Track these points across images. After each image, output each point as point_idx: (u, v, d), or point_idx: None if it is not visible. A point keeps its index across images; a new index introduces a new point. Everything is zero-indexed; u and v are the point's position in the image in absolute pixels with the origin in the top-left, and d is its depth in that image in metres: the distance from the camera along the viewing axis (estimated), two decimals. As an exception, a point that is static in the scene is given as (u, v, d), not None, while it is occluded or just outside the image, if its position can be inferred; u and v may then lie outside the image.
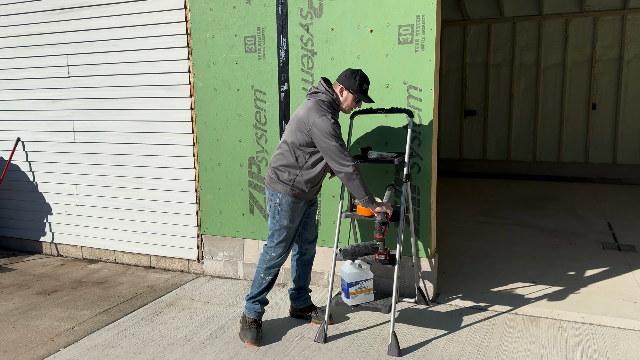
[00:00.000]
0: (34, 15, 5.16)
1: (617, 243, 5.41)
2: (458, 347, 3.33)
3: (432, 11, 3.69)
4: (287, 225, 3.42)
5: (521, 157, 9.49)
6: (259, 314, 3.55)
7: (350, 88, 3.32)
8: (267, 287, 3.54)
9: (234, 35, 4.33)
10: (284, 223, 3.41)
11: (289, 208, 3.39)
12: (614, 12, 8.54)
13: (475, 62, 9.58)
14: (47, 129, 5.33)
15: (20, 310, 4.12)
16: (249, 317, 3.53)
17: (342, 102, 3.37)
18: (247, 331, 3.46)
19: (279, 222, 3.42)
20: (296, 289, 3.77)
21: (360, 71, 3.36)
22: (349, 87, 3.32)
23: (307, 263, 3.75)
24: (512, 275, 4.55)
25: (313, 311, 3.74)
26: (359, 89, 3.32)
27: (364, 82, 3.34)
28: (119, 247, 5.19)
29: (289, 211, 3.39)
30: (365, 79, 3.36)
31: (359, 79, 3.32)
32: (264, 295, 3.56)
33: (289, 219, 3.40)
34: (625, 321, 3.60)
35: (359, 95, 3.33)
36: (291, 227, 3.45)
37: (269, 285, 3.54)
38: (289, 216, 3.40)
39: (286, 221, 3.41)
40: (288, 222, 3.42)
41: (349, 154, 3.22)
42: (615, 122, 8.80)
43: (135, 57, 4.78)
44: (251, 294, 3.55)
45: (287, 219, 3.40)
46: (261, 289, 3.52)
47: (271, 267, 3.50)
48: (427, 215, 3.95)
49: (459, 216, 6.71)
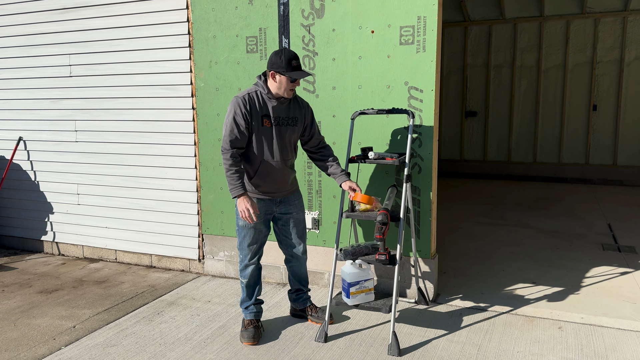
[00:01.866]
0: (36, 15, 5.17)
1: (617, 244, 5.41)
2: (458, 347, 3.34)
3: (433, 12, 3.70)
4: (242, 225, 3.38)
5: (522, 158, 9.49)
6: (255, 313, 3.56)
7: (279, 69, 3.16)
8: (248, 290, 3.53)
9: (235, 35, 4.34)
10: (239, 223, 3.39)
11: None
12: (614, 14, 8.55)
13: (476, 63, 9.58)
14: (48, 128, 5.34)
15: (22, 308, 4.13)
16: (246, 319, 3.56)
17: (278, 86, 3.21)
18: (244, 332, 3.49)
19: (236, 222, 3.41)
20: (293, 291, 3.78)
21: (285, 48, 3.22)
22: (277, 69, 3.16)
23: (296, 269, 3.70)
24: (512, 276, 4.55)
25: (313, 311, 3.74)
26: (287, 66, 3.14)
27: (291, 58, 3.16)
28: (120, 246, 5.20)
29: None
30: (292, 55, 3.17)
31: (285, 57, 3.15)
32: (253, 297, 3.57)
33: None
34: (625, 322, 3.60)
35: (290, 73, 3.15)
36: (247, 227, 3.37)
37: (250, 286, 3.52)
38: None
39: (241, 221, 3.36)
40: (243, 223, 3.37)
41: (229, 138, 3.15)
42: (616, 124, 8.80)
43: (137, 57, 4.80)
44: (241, 298, 3.60)
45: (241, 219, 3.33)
46: (246, 292, 3.55)
47: (243, 269, 3.50)
48: (428, 215, 3.95)
49: (459, 217, 6.72)
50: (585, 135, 9.01)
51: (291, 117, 3.36)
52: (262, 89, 3.26)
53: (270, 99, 3.27)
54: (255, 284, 3.56)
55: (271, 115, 3.26)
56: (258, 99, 3.24)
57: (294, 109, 3.39)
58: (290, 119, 3.35)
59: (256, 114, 3.23)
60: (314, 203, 4.29)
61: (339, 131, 4.12)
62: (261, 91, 3.27)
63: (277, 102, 3.28)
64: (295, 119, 3.38)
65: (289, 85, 3.22)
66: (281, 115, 3.31)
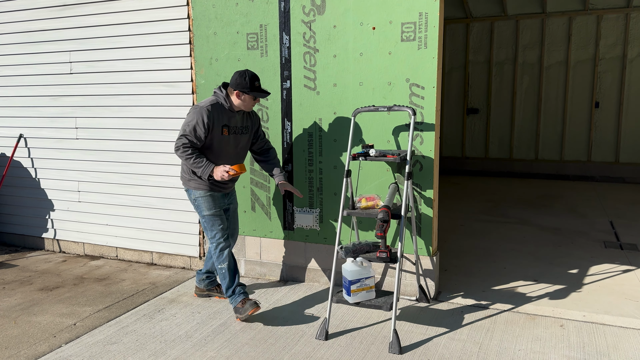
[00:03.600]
0: (36, 12, 5.16)
1: (619, 242, 5.40)
2: (459, 345, 3.33)
3: (435, 8, 3.68)
4: (208, 214, 3.74)
5: (523, 155, 9.47)
6: (244, 294, 3.75)
7: (244, 89, 3.57)
8: (230, 274, 3.73)
9: (236, 32, 4.33)
10: (205, 213, 3.74)
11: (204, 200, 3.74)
12: (617, 10, 8.51)
13: (478, 60, 9.56)
14: (49, 125, 5.33)
15: (22, 306, 4.13)
16: (238, 304, 3.71)
17: (242, 103, 3.62)
18: (243, 308, 3.67)
19: (200, 215, 3.77)
20: (205, 272, 4.10)
21: (247, 70, 3.59)
22: (242, 88, 3.57)
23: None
24: (513, 273, 4.54)
25: (220, 289, 4.14)
26: (251, 87, 3.57)
27: (253, 79, 3.58)
28: (121, 243, 5.20)
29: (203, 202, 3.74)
30: (254, 77, 3.60)
31: (249, 78, 3.56)
32: (237, 279, 3.75)
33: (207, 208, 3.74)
34: (627, 320, 3.59)
35: (253, 93, 3.58)
36: (214, 214, 3.75)
37: (231, 269, 3.74)
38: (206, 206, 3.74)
39: (206, 211, 3.74)
40: (208, 212, 3.74)
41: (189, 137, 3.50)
42: (618, 121, 8.78)
43: (137, 54, 4.78)
44: (225, 286, 3.75)
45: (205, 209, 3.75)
46: (229, 276, 3.73)
47: (219, 254, 3.73)
48: (429, 213, 3.94)
49: (460, 214, 6.71)
50: (588, 133, 8.98)
51: (244, 126, 3.80)
52: (225, 102, 3.64)
53: (230, 111, 3.67)
54: (235, 266, 3.77)
55: (229, 125, 3.67)
56: (219, 111, 3.62)
57: (247, 118, 3.83)
58: (243, 128, 3.79)
59: (217, 124, 3.60)
60: (314, 200, 4.28)
61: (340, 128, 4.11)
62: (223, 103, 3.65)
63: (236, 114, 3.71)
64: (247, 127, 3.82)
65: (251, 102, 3.66)
66: (237, 125, 3.73)
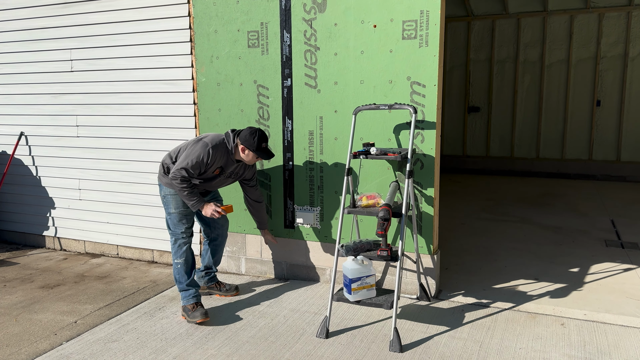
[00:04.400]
0: (37, 10, 5.15)
1: (621, 240, 5.39)
2: (460, 343, 3.33)
3: (436, 6, 3.67)
4: (174, 212, 3.81)
5: (525, 154, 9.46)
6: (197, 297, 3.78)
7: (250, 147, 3.66)
8: (186, 270, 3.79)
9: (237, 30, 4.32)
10: (171, 210, 3.80)
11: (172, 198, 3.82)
12: (619, 9, 8.49)
13: (479, 58, 9.54)
14: (50, 123, 5.33)
15: (23, 304, 4.13)
16: (189, 304, 3.74)
17: (245, 157, 3.73)
18: (193, 313, 3.68)
19: (167, 212, 3.84)
20: (204, 269, 4.15)
21: (259, 130, 3.68)
22: (249, 146, 3.66)
23: (219, 247, 4.16)
24: (514, 272, 4.54)
25: (221, 286, 4.16)
26: (258, 147, 3.67)
27: (261, 141, 3.68)
28: (122, 241, 5.20)
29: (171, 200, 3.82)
30: (263, 138, 3.69)
31: (257, 139, 3.66)
32: (191, 277, 3.82)
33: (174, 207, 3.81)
34: (628, 319, 3.59)
35: (258, 153, 3.69)
36: (180, 213, 3.82)
37: (187, 265, 3.80)
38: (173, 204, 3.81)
39: (172, 208, 3.81)
40: (175, 210, 3.80)
41: (189, 172, 3.59)
42: (620, 120, 8.76)
43: (138, 52, 4.78)
44: (177, 282, 3.81)
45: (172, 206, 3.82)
46: (181, 274, 3.78)
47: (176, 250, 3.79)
48: (430, 211, 3.94)
49: (461, 213, 6.70)
50: (589, 131, 8.97)
51: (236, 172, 3.89)
52: (231, 150, 3.73)
53: (230, 159, 3.76)
54: (193, 263, 3.86)
55: (224, 169, 3.77)
56: (222, 153, 3.70)
57: (242, 167, 3.92)
58: (235, 173, 3.89)
59: (215, 165, 3.70)
60: (315, 199, 4.28)
61: (341, 126, 4.10)
62: (228, 149, 3.73)
63: (235, 162, 3.80)
64: (238, 173, 3.92)
65: (254, 159, 3.78)
66: (230, 169, 3.83)
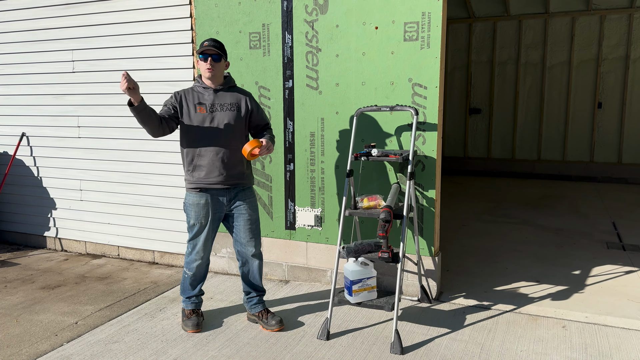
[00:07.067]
0: (39, 10, 5.16)
1: (622, 243, 5.38)
2: (461, 345, 3.32)
3: (438, 8, 3.67)
4: (193, 224, 3.49)
5: (526, 155, 9.45)
6: (196, 304, 3.67)
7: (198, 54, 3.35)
8: (192, 282, 3.61)
9: (238, 31, 4.32)
10: (190, 222, 3.50)
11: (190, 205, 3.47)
12: (620, 11, 8.49)
13: (480, 60, 9.54)
14: (51, 124, 5.33)
15: (24, 304, 4.13)
16: (187, 309, 3.66)
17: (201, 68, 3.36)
18: (187, 321, 3.59)
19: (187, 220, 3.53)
20: (245, 293, 3.72)
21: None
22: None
23: (247, 273, 3.65)
24: (515, 274, 4.53)
25: (264, 316, 3.60)
26: (199, 47, 3.33)
27: (204, 41, 3.32)
28: (123, 242, 5.20)
29: (191, 210, 3.47)
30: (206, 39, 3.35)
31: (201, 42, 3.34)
32: (196, 289, 3.64)
33: (194, 218, 3.46)
34: (629, 321, 3.58)
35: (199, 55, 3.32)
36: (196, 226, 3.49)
37: (195, 280, 3.60)
38: (193, 215, 3.47)
39: (192, 220, 3.48)
40: (194, 221, 3.47)
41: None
42: (621, 121, 8.75)
43: (140, 53, 4.78)
44: (182, 293, 3.68)
45: (192, 218, 3.48)
46: (187, 283, 3.62)
47: (189, 262, 3.57)
48: (431, 213, 3.93)
49: (463, 215, 6.69)
50: (590, 133, 8.96)
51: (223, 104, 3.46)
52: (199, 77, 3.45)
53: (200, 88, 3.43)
54: (199, 277, 3.64)
55: (202, 102, 3.40)
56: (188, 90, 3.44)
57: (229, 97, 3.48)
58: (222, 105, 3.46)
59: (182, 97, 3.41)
60: (316, 200, 4.27)
61: (342, 128, 4.10)
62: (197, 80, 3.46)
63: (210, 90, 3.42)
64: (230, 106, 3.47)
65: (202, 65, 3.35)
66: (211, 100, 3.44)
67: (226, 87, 3.46)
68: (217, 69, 3.36)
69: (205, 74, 3.36)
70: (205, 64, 3.34)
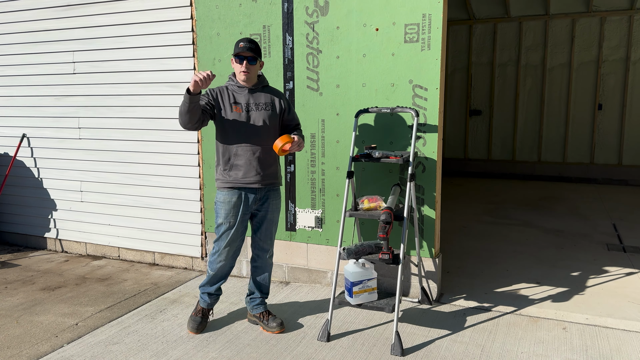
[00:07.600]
0: (40, 12, 5.17)
1: (622, 244, 5.38)
2: (462, 347, 3.32)
3: (438, 10, 3.68)
4: (221, 223, 3.47)
5: (526, 157, 9.45)
6: (208, 304, 3.65)
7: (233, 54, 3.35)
8: (211, 279, 3.59)
9: (239, 33, 4.33)
10: (218, 221, 3.48)
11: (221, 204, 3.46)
12: (621, 12, 8.49)
13: (480, 62, 9.54)
14: (52, 125, 5.34)
15: (25, 305, 4.13)
16: (200, 305, 3.67)
17: (236, 69, 3.37)
18: (191, 319, 3.60)
19: (215, 220, 3.51)
20: (248, 293, 3.73)
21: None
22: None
23: (258, 270, 3.66)
24: (516, 275, 4.53)
25: (265, 318, 3.60)
26: (235, 49, 3.32)
27: (240, 41, 3.31)
28: (123, 243, 5.20)
29: (221, 208, 3.45)
30: (242, 39, 3.31)
31: (237, 42, 3.32)
32: (214, 287, 3.61)
33: (223, 217, 3.44)
34: (630, 323, 3.58)
35: (235, 57, 3.33)
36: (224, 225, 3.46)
37: (214, 278, 3.58)
38: (222, 214, 3.45)
39: (220, 219, 3.46)
40: (222, 220, 3.45)
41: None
42: (621, 123, 8.75)
43: (140, 54, 4.79)
44: (202, 282, 3.66)
45: (220, 216, 3.46)
46: (207, 279, 3.60)
47: (212, 262, 3.56)
48: (432, 214, 3.93)
49: (463, 216, 6.69)
50: (590, 135, 8.96)
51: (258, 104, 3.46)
52: (233, 77, 3.45)
53: (234, 88, 3.43)
54: (221, 276, 3.62)
55: (238, 101, 3.40)
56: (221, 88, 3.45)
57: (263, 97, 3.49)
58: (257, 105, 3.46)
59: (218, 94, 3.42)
60: (317, 202, 4.28)
61: (343, 129, 4.10)
62: (231, 79, 3.46)
63: (245, 89, 3.41)
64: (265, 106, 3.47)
65: (237, 67, 3.35)
66: (246, 100, 3.44)
67: (260, 87, 3.46)
68: (252, 71, 3.36)
69: (240, 76, 3.36)
70: (240, 67, 3.32)
